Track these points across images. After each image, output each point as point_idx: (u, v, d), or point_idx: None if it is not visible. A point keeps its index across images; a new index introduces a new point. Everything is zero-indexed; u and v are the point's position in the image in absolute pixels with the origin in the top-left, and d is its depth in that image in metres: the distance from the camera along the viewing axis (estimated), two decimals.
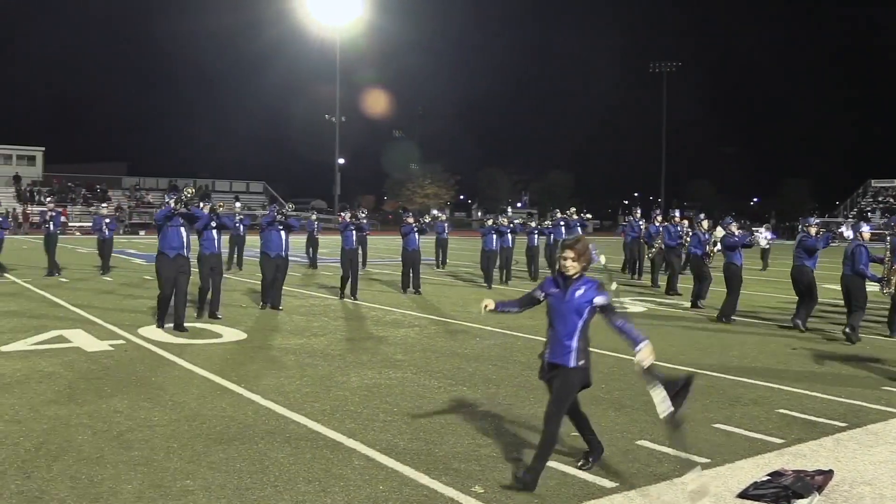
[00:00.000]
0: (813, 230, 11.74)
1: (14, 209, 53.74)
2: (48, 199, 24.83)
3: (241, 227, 20.39)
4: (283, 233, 13.30)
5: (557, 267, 5.06)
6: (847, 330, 10.61)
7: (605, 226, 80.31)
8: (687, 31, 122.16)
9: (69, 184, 67.89)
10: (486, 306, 5.29)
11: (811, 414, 6.76)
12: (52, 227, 19.77)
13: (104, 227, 19.98)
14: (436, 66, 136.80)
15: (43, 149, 71.27)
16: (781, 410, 6.85)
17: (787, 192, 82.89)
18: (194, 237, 11.60)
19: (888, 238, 11.41)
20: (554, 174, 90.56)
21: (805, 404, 7.10)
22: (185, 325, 10.72)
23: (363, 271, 19.25)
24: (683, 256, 18.02)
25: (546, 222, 22.67)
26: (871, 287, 11.24)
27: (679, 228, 17.53)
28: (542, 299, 5.12)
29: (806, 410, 6.87)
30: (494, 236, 17.85)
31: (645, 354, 4.75)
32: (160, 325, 10.85)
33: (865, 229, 11.15)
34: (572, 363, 4.93)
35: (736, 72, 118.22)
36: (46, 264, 19.22)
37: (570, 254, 4.97)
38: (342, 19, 64.25)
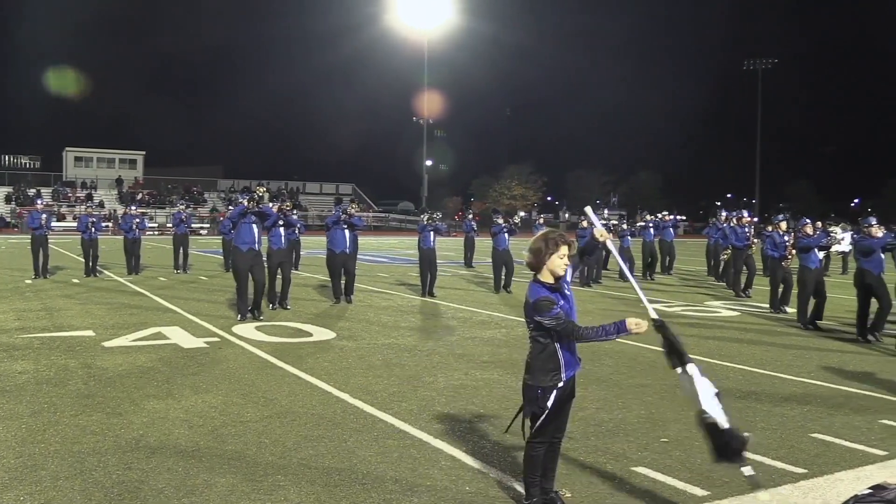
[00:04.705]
0: (874, 230, 11.06)
1: (115, 210, 56.07)
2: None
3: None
4: (346, 231, 14.19)
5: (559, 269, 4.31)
6: None
7: (695, 228, 78.61)
8: (782, 26, 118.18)
9: (169, 185, 70.46)
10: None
11: None
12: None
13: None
14: (522, 68, 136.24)
15: (143, 153, 74.27)
16: (885, 421, 6.54)
17: (888, 192, 79.47)
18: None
19: None
20: (643, 174, 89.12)
21: None
22: (275, 321, 11.04)
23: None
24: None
25: (639, 223, 22.40)
26: None
27: (746, 230, 17.05)
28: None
29: None
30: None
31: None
32: (241, 315, 11.72)
33: None
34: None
35: (834, 68, 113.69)
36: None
37: (568, 250, 4.33)
38: (431, 23, 64.77)
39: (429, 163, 71.49)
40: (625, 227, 21.98)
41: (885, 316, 10.81)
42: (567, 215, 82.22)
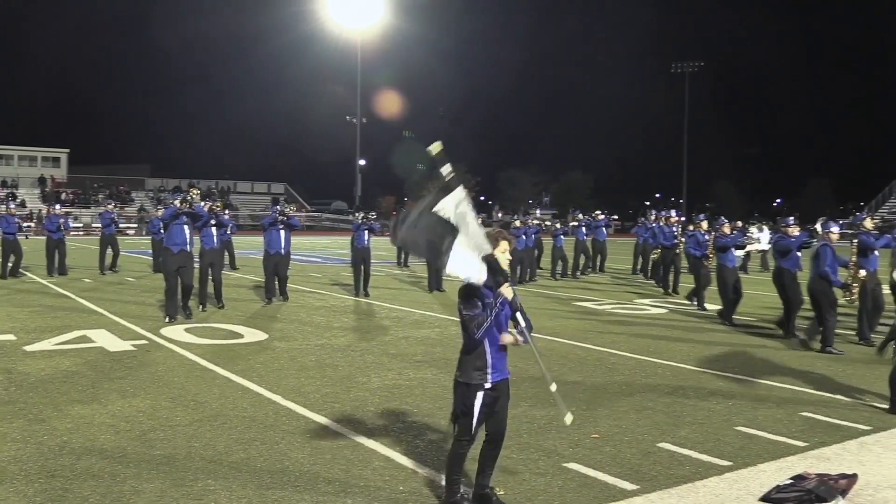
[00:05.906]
0: (791, 230, 11.31)
1: (40, 210, 54.29)
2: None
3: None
4: (283, 232, 14.14)
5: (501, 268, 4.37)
6: (802, 337, 10.45)
7: (625, 227, 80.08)
8: (709, 31, 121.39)
9: (95, 185, 68.55)
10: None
11: (835, 417, 6.68)
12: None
13: None
14: (456, 68, 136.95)
15: (67, 150, 72.09)
16: (805, 413, 6.78)
17: (809, 193, 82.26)
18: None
19: (853, 240, 10.78)
20: (574, 175, 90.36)
21: (829, 407, 7.02)
22: (206, 323, 10.87)
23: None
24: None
25: (571, 223, 22.70)
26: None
27: (674, 229, 17.46)
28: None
29: (830, 413, 6.79)
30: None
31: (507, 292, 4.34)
32: (168, 316, 11.51)
33: (834, 229, 10.49)
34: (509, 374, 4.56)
35: (758, 72, 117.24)
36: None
37: (508, 245, 4.47)
38: (363, 21, 64.41)
39: (362, 162, 71.12)
40: (558, 226, 22.27)
41: (793, 314, 11.14)
42: (500, 215, 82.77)
